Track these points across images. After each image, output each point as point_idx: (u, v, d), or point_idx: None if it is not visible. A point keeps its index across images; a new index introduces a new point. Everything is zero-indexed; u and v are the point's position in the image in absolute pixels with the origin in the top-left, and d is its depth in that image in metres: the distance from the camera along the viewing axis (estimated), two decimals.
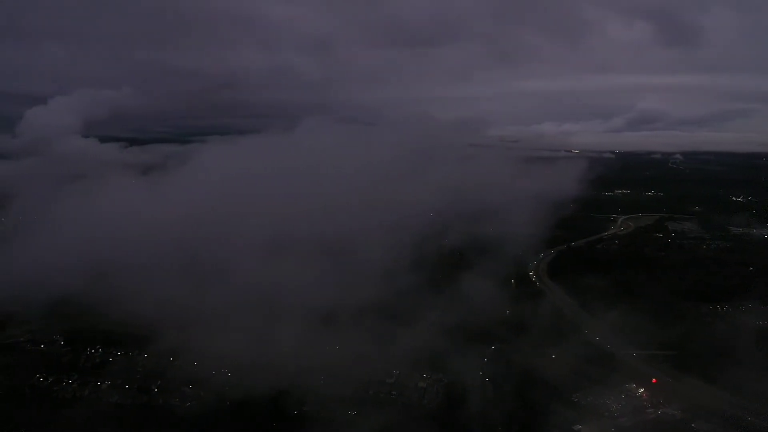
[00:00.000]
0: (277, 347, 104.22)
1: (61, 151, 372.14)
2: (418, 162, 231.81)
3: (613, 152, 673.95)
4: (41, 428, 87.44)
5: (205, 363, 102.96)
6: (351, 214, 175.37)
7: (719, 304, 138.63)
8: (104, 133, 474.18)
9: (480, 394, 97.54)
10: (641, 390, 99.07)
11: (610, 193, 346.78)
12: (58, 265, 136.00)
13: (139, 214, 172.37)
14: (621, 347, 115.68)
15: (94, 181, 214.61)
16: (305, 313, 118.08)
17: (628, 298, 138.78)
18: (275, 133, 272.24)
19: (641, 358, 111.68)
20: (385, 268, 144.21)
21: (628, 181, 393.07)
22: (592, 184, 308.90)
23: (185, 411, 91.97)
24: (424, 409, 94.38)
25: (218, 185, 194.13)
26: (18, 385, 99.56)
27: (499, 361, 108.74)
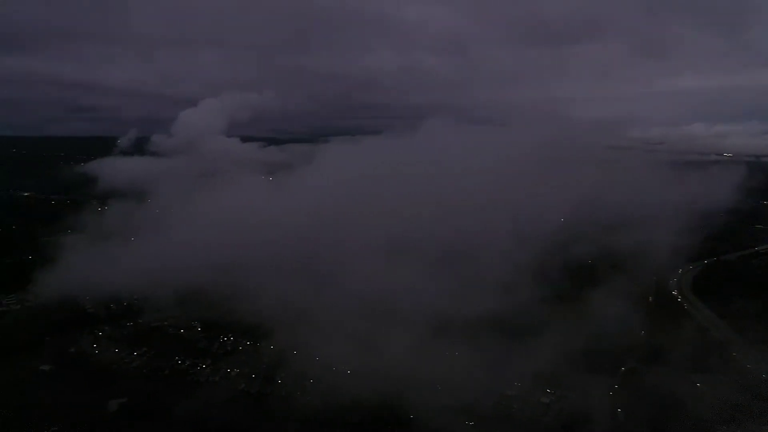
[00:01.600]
0: (393, 352, 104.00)
1: (206, 149, 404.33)
2: (551, 165, 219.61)
3: None
4: (178, 408, 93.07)
5: (324, 361, 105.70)
6: (474, 218, 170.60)
7: None
8: (246, 133, 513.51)
9: (608, 417, 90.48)
10: None
11: None
12: (190, 258, 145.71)
13: (264, 212, 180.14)
14: None
15: (228, 179, 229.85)
16: (422, 320, 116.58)
17: None
18: (397, 134, 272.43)
19: None
20: (508, 277, 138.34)
21: None
22: (748, 191, 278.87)
23: (305, 404, 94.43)
24: (547, 427, 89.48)
25: (338, 185, 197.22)
26: (161, 366, 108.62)
27: (632, 385, 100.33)
